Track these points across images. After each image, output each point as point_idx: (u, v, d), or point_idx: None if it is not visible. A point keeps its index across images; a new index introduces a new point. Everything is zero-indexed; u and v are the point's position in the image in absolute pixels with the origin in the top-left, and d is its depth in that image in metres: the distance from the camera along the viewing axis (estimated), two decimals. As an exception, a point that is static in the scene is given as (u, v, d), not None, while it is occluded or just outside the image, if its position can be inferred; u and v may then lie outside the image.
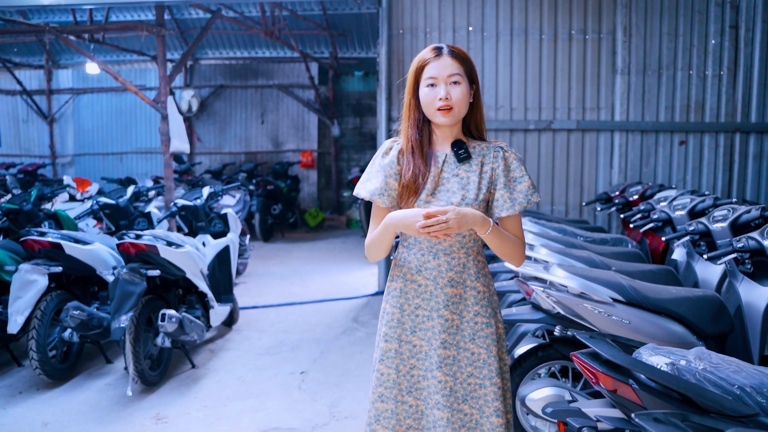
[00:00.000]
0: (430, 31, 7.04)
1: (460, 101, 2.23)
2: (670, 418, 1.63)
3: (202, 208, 5.96)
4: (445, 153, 2.32)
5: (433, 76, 2.23)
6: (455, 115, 2.25)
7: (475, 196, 2.25)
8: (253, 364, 5.15)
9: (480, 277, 2.31)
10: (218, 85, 13.61)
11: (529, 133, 7.08)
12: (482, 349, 2.26)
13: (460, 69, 2.24)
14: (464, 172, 2.29)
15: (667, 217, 4.92)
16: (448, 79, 2.22)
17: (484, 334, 2.27)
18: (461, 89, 2.23)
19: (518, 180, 2.29)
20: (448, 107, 2.22)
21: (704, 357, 2.06)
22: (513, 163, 2.30)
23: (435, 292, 2.28)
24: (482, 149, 2.33)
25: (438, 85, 2.23)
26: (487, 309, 2.30)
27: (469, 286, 2.29)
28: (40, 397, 4.51)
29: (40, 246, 4.77)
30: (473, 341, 2.27)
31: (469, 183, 2.27)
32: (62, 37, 7.11)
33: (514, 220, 2.30)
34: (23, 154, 13.93)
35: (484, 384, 2.25)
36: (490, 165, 2.30)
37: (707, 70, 6.95)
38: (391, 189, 2.32)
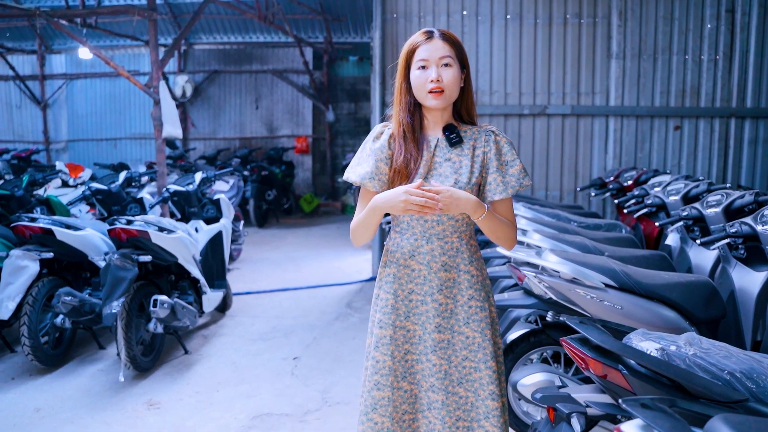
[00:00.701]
0: (424, 16, 6.98)
1: (451, 83, 2.22)
2: (658, 404, 1.62)
3: (194, 193, 5.93)
4: (437, 137, 2.31)
5: (425, 58, 2.22)
6: (446, 98, 2.23)
7: (468, 179, 2.24)
8: (246, 349, 5.14)
9: (473, 261, 2.31)
10: (212, 70, 13.53)
11: (523, 118, 7.04)
12: (477, 332, 2.26)
13: (451, 52, 2.23)
14: (456, 156, 2.28)
15: (661, 202, 4.91)
16: (440, 62, 2.21)
17: (478, 317, 2.27)
18: (452, 72, 2.22)
19: (510, 164, 2.29)
20: (440, 89, 2.20)
21: (694, 342, 2.05)
22: (504, 147, 2.30)
23: (429, 276, 2.28)
24: (474, 133, 2.32)
25: (429, 67, 2.21)
26: (480, 293, 2.30)
27: (462, 270, 2.29)
28: (32, 383, 4.50)
29: (31, 232, 4.74)
30: (468, 325, 2.27)
31: (461, 167, 2.26)
32: (54, 21, 7.04)
33: (506, 203, 2.31)
34: (17, 140, 13.85)
35: (479, 367, 2.25)
36: (482, 149, 2.29)
37: (703, 54, 6.92)
38: (381, 173, 2.30)
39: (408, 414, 2.31)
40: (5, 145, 13.14)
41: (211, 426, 3.86)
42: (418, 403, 2.30)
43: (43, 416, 4.00)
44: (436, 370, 2.26)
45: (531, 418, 3.47)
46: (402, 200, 2.09)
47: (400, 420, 2.30)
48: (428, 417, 2.28)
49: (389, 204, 2.14)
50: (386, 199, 2.15)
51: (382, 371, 2.29)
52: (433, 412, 2.26)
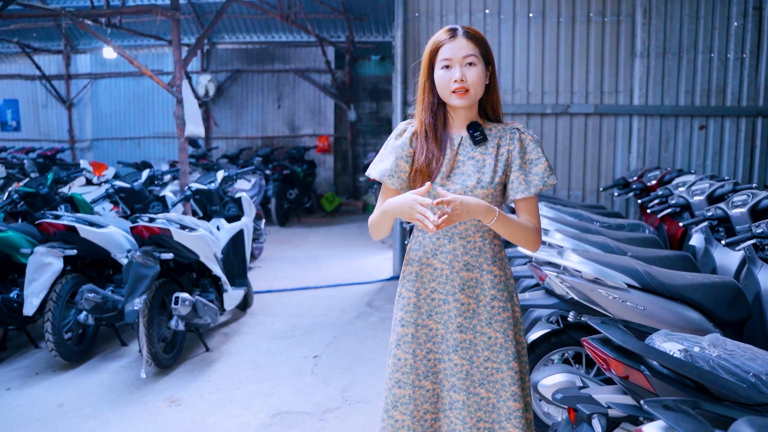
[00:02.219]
0: (446, 14, 6.96)
1: (475, 83, 2.18)
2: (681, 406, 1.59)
3: (216, 192, 5.96)
4: (461, 135, 2.28)
5: (448, 57, 2.18)
6: (471, 97, 2.20)
7: (491, 179, 2.21)
8: (267, 348, 5.16)
9: (496, 261, 2.28)
10: (235, 69, 13.60)
11: (546, 118, 6.99)
12: (499, 333, 2.23)
13: (476, 50, 2.19)
14: (480, 155, 2.25)
15: (685, 202, 4.85)
16: (464, 61, 2.17)
17: (500, 318, 2.24)
18: (477, 71, 2.18)
19: (534, 162, 2.24)
20: (464, 89, 2.17)
21: (719, 344, 2.01)
22: (529, 145, 2.26)
23: (451, 276, 2.25)
24: (498, 131, 2.28)
25: (453, 66, 2.18)
26: (503, 293, 2.26)
27: (485, 270, 2.26)
28: (55, 379, 4.56)
29: (55, 229, 4.79)
30: (490, 325, 2.24)
31: (484, 166, 2.23)
32: (79, 21, 7.12)
33: (530, 202, 2.26)
34: (42, 139, 14.05)
35: (501, 368, 2.22)
36: (507, 147, 2.26)
37: (729, 53, 6.82)
38: (401, 171, 2.29)
39: (430, 413, 2.29)
40: (31, 144, 13.34)
41: (231, 423, 3.87)
42: (440, 402, 2.28)
43: (66, 411, 4.04)
44: (458, 370, 2.23)
45: (552, 419, 3.44)
46: (409, 207, 2.06)
47: (421, 419, 2.28)
48: (450, 417, 2.26)
49: (399, 210, 2.11)
50: (396, 205, 2.13)
51: (404, 369, 2.28)
52: (455, 412, 2.24)
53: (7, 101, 14.27)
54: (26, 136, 14.14)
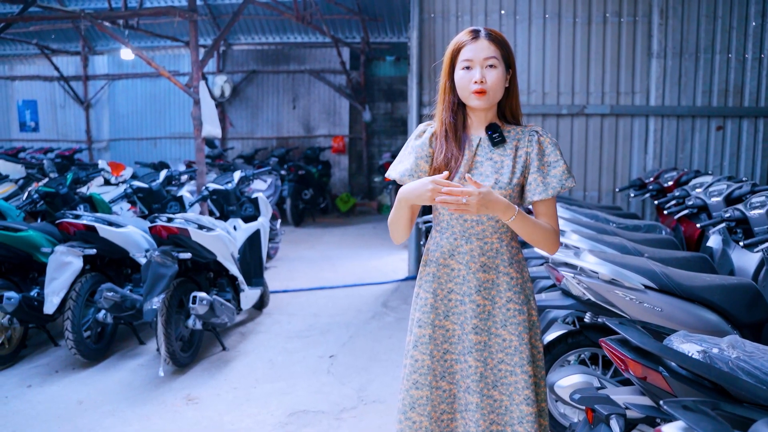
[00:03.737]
0: (462, 15, 6.96)
1: (495, 85, 2.19)
2: (700, 406, 1.59)
3: (233, 192, 6.00)
4: (480, 137, 2.29)
5: (469, 58, 2.19)
6: (490, 99, 2.21)
7: (509, 180, 2.22)
8: (283, 347, 5.19)
9: (513, 263, 2.28)
10: (250, 70, 13.66)
11: (561, 118, 6.98)
12: (514, 336, 2.23)
13: (497, 52, 2.20)
14: (498, 156, 2.25)
15: (702, 203, 4.82)
16: (484, 62, 2.18)
17: (516, 321, 2.23)
18: (497, 73, 2.19)
19: (553, 164, 2.24)
20: (483, 90, 2.18)
21: (737, 345, 2.01)
22: (548, 147, 2.26)
23: (467, 276, 2.25)
24: (517, 133, 2.29)
25: (474, 67, 2.19)
26: (519, 296, 2.26)
27: (502, 272, 2.26)
28: (75, 376, 4.61)
29: (75, 228, 4.85)
30: (505, 327, 2.24)
31: (503, 167, 2.24)
32: (97, 23, 7.20)
33: (548, 205, 2.25)
34: (60, 139, 14.19)
35: (515, 371, 2.22)
36: (525, 149, 2.26)
37: (747, 53, 6.77)
38: (421, 170, 2.29)
39: (447, 414, 2.29)
40: (50, 144, 13.48)
41: (248, 422, 3.90)
42: (456, 403, 2.28)
43: (85, 408, 4.09)
44: (472, 371, 2.23)
45: (568, 420, 3.44)
46: (429, 189, 2.05)
47: (438, 419, 2.28)
48: (465, 418, 2.26)
49: (416, 193, 2.11)
50: (412, 189, 2.12)
51: (421, 370, 2.28)
52: (469, 414, 2.24)
53: (26, 102, 14.44)
54: (44, 137, 14.30)
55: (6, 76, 14.50)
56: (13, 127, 14.57)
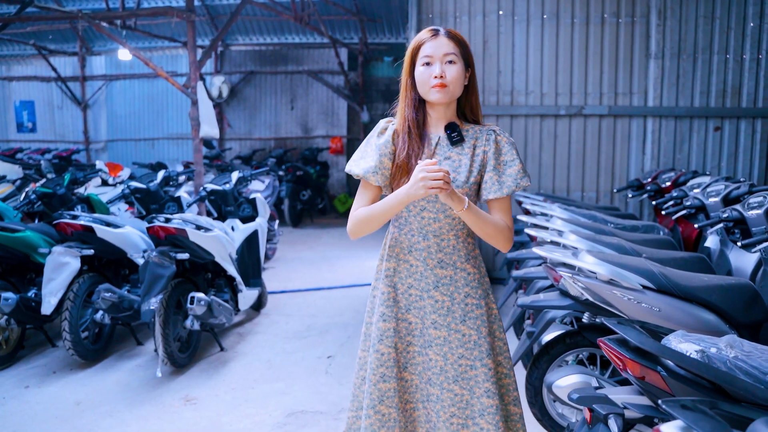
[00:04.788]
0: (460, 16, 6.96)
1: (454, 80, 2.24)
2: (699, 406, 1.59)
3: (231, 192, 6.00)
4: (439, 135, 2.34)
5: (429, 54, 2.25)
6: (449, 93, 2.25)
7: (466, 179, 2.27)
8: (281, 347, 5.19)
9: (470, 259, 2.34)
10: (248, 71, 13.66)
11: (559, 119, 6.98)
12: (473, 330, 2.29)
13: (456, 49, 2.25)
14: (456, 155, 2.31)
15: (700, 204, 4.82)
16: (444, 58, 2.24)
17: (474, 315, 2.30)
18: (456, 68, 2.24)
19: (508, 164, 2.29)
20: (443, 84, 2.23)
21: (735, 345, 2.01)
22: (504, 147, 2.31)
23: (425, 273, 2.32)
24: (476, 132, 2.34)
25: (434, 63, 2.24)
26: (477, 290, 2.32)
27: (459, 268, 2.32)
28: (73, 377, 4.60)
29: (73, 229, 4.84)
30: (464, 323, 2.29)
31: (460, 166, 2.29)
32: (95, 23, 7.19)
33: (502, 203, 2.30)
34: (58, 140, 14.18)
35: (475, 365, 2.27)
36: (483, 148, 2.31)
37: (745, 54, 6.78)
38: (384, 168, 2.33)
39: (410, 403, 2.35)
40: (47, 145, 13.48)
41: (247, 422, 3.90)
42: (418, 393, 2.34)
43: (83, 409, 4.09)
44: (433, 364, 2.29)
45: (566, 420, 3.44)
46: (420, 178, 2.07)
47: (404, 410, 2.34)
48: (427, 408, 2.32)
49: (412, 191, 2.12)
50: (408, 186, 2.14)
51: (388, 363, 2.32)
52: (430, 405, 2.30)
53: (23, 103, 14.42)
54: (42, 137, 14.28)
55: (3, 76, 14.48)
56: (10, 128, 14.55)
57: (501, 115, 7.01)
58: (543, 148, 7.03)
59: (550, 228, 4.23)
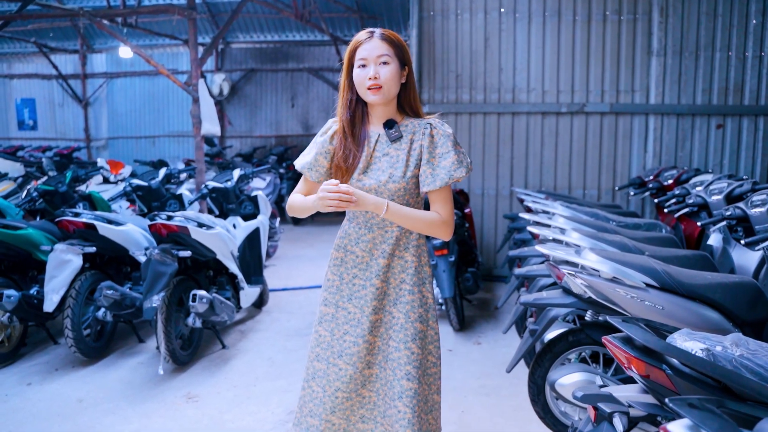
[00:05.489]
0: (461, 13, 6.95)
1: (388, 80, 2.32)
2: (706, 404, 1.59)
3: (232, 190, 5.99)
4: (378, 132, 2.43)
5: (364, 57, 2.34)
6: (384, 93, 2.34)
7: (402, 173, 2.36)
8: (282, 345, 5.18)
9: (410, 248, 2.44)
10: (249, 68, 13.65)
11: (561, 117, 6.97)
12: (401, 314, 2.39)
13: (390, 51, 2.34)
14: (394, 151, 2.40)
15: (702, 201, 4.82)
16: (378, 60, 2.32)
17: (405, 300, 2.40)
18: (389, 69, 2.32)
19: (443, 156, 2.36)
20: (378, 86, 2.32)
21: (741, 343, 2.00)
22: (440, 140, 2.37)
23: (370, 263, 2.43)
24: (414, 126, 2.42)
25: (368, 65, 2.33)
26: (412, 278, 2.42)
27: (397, 256, 2.43)
28: (75, 374, 4.60)
29: (75, 226, 4.84)
30: (395, 306, 2.41)
31: (397, 161, 2.38)
32: (96, 21, 7.18)
33: (439, 195, 2.38)
34: (59, 138, 14.18)
35: (399, 347, 2.36)
36: (419, 142, 2.39)
37: (747, 51, 6.77)
38: (319, 165, 2.47)
39: (341, 392, 2.42)
40: (48, 143, 13.47)
41: (249, 420, 3.90)
42: (352, 383, 2.42)
43: (85, 407, 4.09)
44: (371, 348, 2.41)
45: (569, 419, 3.43)
46: (320, 200, 2.23)
47: (332, 395, 2.43)
48: (362, 394, 2.43)
49: (316, 205, 2.31)
50: (314, 201, 2.32)
51: (323, 345, 2.47)
52: (368, 386, 2.43)
53: (24, 100, 14.42)
54: (43, 135, 14.28)
55: (4, 74, 14.48)
56: (11, 126, 14.55)
57: (503, 112, 7.00)
58: (545, 146, 7.02)
59: (552, 226, 4.22)
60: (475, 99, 7.02)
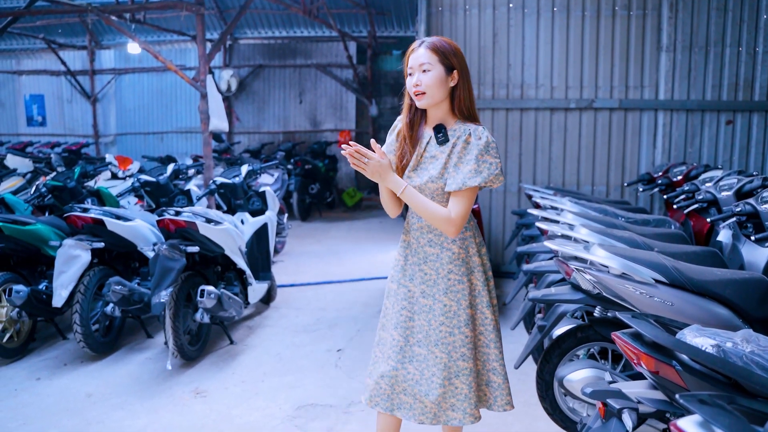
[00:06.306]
0: (470, 9, 6.93)
1: (430, 86, 2.51)
2: (717, 400, 1.58)
3: (240, 186, 6.00)
4: (430, 134, 2.63)
5: (411, 66, 2.57)
6: (428, 98, 2.54)
7: (439, 174, 2.56)
8: (290, 341, 5.19)
9: (456, 241, 2.62)
10: (257, 64, 13.65)
11: (570, 112, 6.95)
12: (453, 302, 2.60)
13: (432, 58, 2.52)
14: (439, 153, 2.59)
15: (712, 197, 4.79)
16: (420, 68, 2.53)
17: (456, 289, 2.60)
18: (430, 75, 2.51)
19: (466, 162, 2.52)
20: (421, 92, 2.53)
21: (752, 339, 1.99)
22: (472, 147, 2.52)
23: (418, 249, 2.68)
24: (459, 131, 2.58)
25: (414, 73, 2.55)
26: (461, 268, 2.62)
27: (445, 248, 2.62)
28: (84, 369, 4.62)
29: (83, 222, 4.86)
30: (446, 295, 2.61)
31: (440, 163, 2.57)
32: (104, 16, 7.19)
33: (455, 196, 2.53)
34: (67, 134, 14.22)
35: (454, 332, 2.59)
36: (459, 147, 2.56)
37: (758, 46, 6.72)
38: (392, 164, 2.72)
39: (391, 360, 2.66)
40: (57, 139, 13.51)
41: (257, 415, 3.91)
42: (401, 354, 2.65)
43: (94, 401, 4.10)
44: (419, 329, 2.64)
45: (577, 415, 3.42)
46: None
47: (386, 361, 2.67)
48: (408, 368, 2.63)
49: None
50: None
51: (388, 315, 2.73)
52: (414, 364, 2.63)
53: (33, 96, 14.47)
54: (51, 131, 14.33)
55: (13, 70, 14.53)
56: (20, 122, 14.60)
57: (511, 108, 6.98)
58: (553, 142, 7.00)
59: (560, 222, 4.21)
60: (484, 95, 7.00)
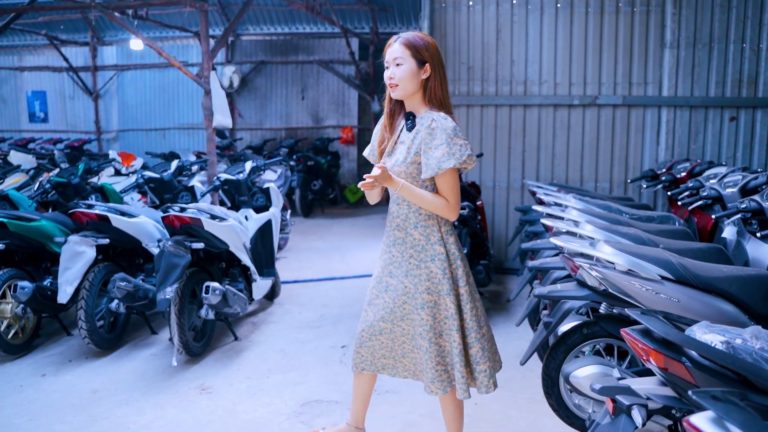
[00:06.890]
0: (473, 5, 6.92)
1: (402, 79, 2.76)
2: (729, 396, 1.58)
3: (244, 182, 6.00)
4: (402, 123, 2.89)
5: (386, 59, 2.81)
6: (401, 89, 2.78)
7: (404, 159, 2.80)
8: (295, 337, 5.20)
9: (418, 227, 2.86)
10: (259, 60, 13.64)
11: (573, 109, 6.94)
12: (411, 285, 2.86)
13: (405, 53, 2.75)
14: (408, 140, 2.83)
15: (717, 194, 4.78)
16: (394, 62, 2.77)
17: (414, 273, 2.85)
18: (402, 68, 2.75)
19: (436, 147, 2.70)
20: (394, 84, 2.77)
21: (761, 336, 1.99)
22: (437, 132, 2.70)
23: (390, 232, 2.97)
24: (426, 119, 2.76)
25: (390, 67, 2.79)
26: (420, 254, 2.85)
27: (408, 233, 2.88)
28: (89, 366, 4.63)
29: (88, 218, 4.86)
30: (406, 277, 2.88)
31: (405, 148, 2.81)
32: (106, 13, 7.18)
33: (439, 181, 2.76)
34: (70, 130, 14.22)
35: (413, 312, 2.89)
36: (421, 133, 2.76)
37: (761, 43, 6.70)
38: (373, 149, 3.04)
39: (365, 333, 3.04)
40: (59, 135, 13.51)
41: (262, 411, 3.91)
42: (371, 327, 3.00)
43: (99, 398, 4.11)
44: (384, 305, 2.95)
45: (582, 411, 3.43)
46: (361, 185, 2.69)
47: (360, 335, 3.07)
48: (379, 340, 3.01)
49: None
50: None
51: (369, 294, 3.06)
52: (382, 337, 3.00)
53: (35, 93, 14.47)
54: (54, 127, 14.33)
55: (15, 66, 14.53)
56: (22, 118, 14.61)
57: (514, 105, 6.98)
58: (556, 138, 6.99)
59: (565, 218, 4.20)
60: (487, 91, 7.00)
